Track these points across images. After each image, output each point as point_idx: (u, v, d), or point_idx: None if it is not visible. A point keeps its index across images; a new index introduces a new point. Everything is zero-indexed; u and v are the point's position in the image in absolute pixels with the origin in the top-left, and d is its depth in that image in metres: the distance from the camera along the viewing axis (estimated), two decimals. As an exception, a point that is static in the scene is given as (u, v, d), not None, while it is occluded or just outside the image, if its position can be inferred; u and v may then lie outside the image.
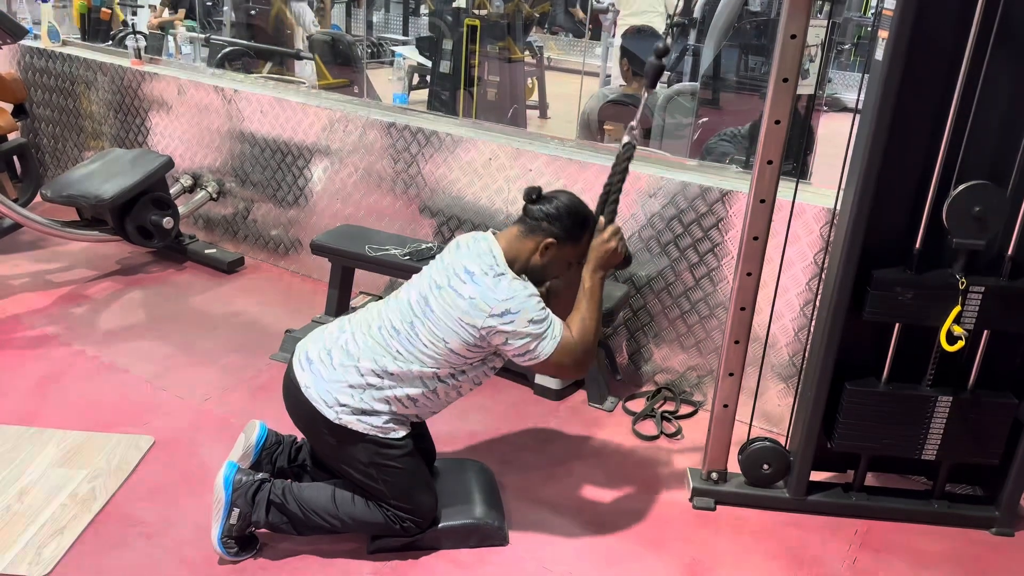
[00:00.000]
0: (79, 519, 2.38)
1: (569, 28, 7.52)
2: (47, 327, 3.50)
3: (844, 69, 7.31)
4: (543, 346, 2.08)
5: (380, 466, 2.18)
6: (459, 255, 2.15)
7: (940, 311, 2.27)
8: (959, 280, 2.24)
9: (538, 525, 2.50)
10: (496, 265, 2.09)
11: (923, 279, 2.28)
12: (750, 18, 4.55)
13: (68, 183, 3.93)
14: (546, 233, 2.14)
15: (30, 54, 4.93)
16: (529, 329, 2.05)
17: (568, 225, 2.15)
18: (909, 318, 2.32)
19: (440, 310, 2.09)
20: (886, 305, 2.29)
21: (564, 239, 2.15)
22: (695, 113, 4.17)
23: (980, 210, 2.16)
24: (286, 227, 4.20)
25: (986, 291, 2.26)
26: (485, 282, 2.06)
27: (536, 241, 2.14)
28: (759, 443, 2.60)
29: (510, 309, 2.04)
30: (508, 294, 2.05)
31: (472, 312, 2.05)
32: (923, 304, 2.28)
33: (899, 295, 2.27)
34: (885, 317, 2.33)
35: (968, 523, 2.59)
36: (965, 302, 2.26)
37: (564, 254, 2.18)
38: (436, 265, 2.20)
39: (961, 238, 2.21)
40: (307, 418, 2.19)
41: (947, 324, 2.25)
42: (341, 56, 5.91)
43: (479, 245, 2.15)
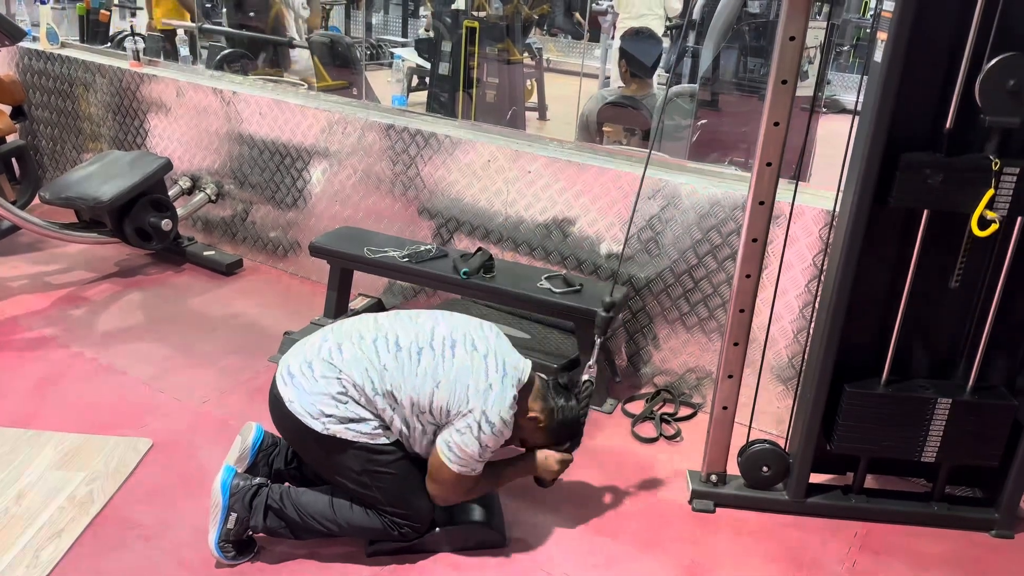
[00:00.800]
0: (77, 522, 2.37)
1: (568, 30, 7.52)
2: (45, 329, 3.50)
3: (843, 71, 7.31)
4: (461, 461, 2.16)
5: (372, 473, 2.18)
6: (505, 350, 2.25)
7: (972, 195, 2.14)
8: (992, 161, 2.12)
9: (537, 527, 2.49)
10: (518, 391, 2.20)
11: (954, 161, 2.15)
12: (749, 20, 4.55)
13: (66, 185, 3.93)
14: (546, 415, 2.30)
15: (29, 56, 4.92)
16: (475, 445, 2.15)
17: (561, 430, 2.34)
18: (939, 203, 2.18)
19: (458, 364, 2.15)
20: (914, 189, 2.16)
21: (547, 430, 2.32)
22: (694, 115, 4.18)
23: (1015, 84, 2.05)
24: (285, 229, 4.20)
25: (1021, 173, 2.14)
26: (506, 393, 2.16)
27: (537, 407, 2.29)
28: (758, 445, 2.59)
29: (494, 425, 2.14)
30: (506, 417, 2.16)
31: (479, 394, 2.13)
32: (954, 188, 2.15)
33: (928, 178, 2.14)
34: (914, 202, 2.20)
35: (968, 525, 2.59)
36: (999, 185, 2.13)
37: (534, 435, 2.33)
38: (480, 329, 2.27)
39: (994, 115, 2.09)
40: (295, 432, 2.19)
41: (980, 208, 2.13)
42: (340, 58, 5.92)
43: (523, 363, 2.27)
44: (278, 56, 5.86)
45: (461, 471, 2.17)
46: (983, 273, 2.35)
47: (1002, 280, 2.29)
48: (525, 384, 2.24)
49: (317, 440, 2.15)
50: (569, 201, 3.29)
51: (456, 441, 2.14)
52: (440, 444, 2.17)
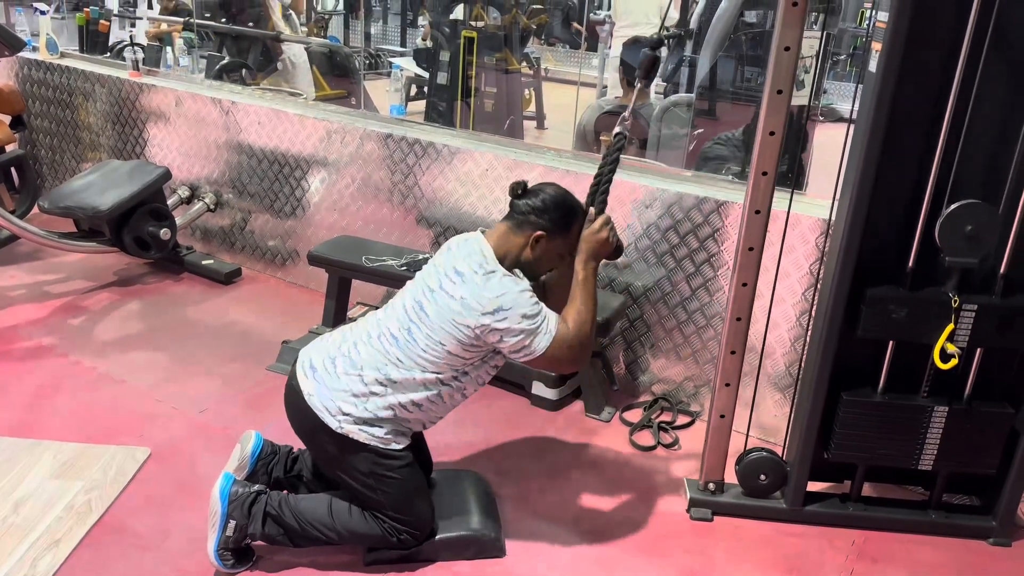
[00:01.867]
0: (75, 531, 2.37)
1: (566, 40, 7.55)
2: (44, 338, 3.50)
3: (840, 80, 7.34)
4: (538, 341, 2.08)
5: (379, 476, 2.18)
6: (449, 257, 2.16)
7: (934, 329, 2.27)
8: (952, 298, 2.24)
9: (535, 536, 2.49)
10: (486, 263, 2.10)
11: (916, 297, 2.27)
12: (746, 29, 4.57)
13: (65, 194, 3.94)
14: (535, 227, 2.15)
15: (28, 66, 4.94)
16: (523, 325, 2.05)
17: (556, 217, 2.16)
18: (903, 335, 2.32)
19: (434, 314, 2.10)
20: (880, 322, 2.30)
21: (553, 231, 2.16)
22: (691, 124, 4.19)
23: (972, 228, 2.16)
24: (283, 238, 4.21)
25: (979, 309, 2.27)
26: (475, 281, 2.07)
27: (525, 236, 2.15)
28: (756, 453, 2.60)
29: (502, 306, 2.04)
30: (499, 291, 2.05)
31: (465, 312, 2.05)
32: (917, 322, 2.28)
33: (892, 312, 2.28)
34: (879, 334, 2.33)
35: (965, 533, 2.59)
36: (958, 320, 2.26)
37: (555, 246, 2.19)
38: (428, 269, 2.21)
39: (954, 256, 2.20)
40: (308, 426, 2.19)
41: (940, 342, 2.26)
42: (339, 67, 5.93)
43: (468, 245, 2.15)
44: (268, 53, 5.82)
45: (547, 342, 2.07)
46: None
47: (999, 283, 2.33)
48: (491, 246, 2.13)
49: (330, 436, 2.15)
50: (567, 210, 3.30)
51: (512, 343, 2.05)
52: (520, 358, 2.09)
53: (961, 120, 2.16)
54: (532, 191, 2.19)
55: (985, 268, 2.29)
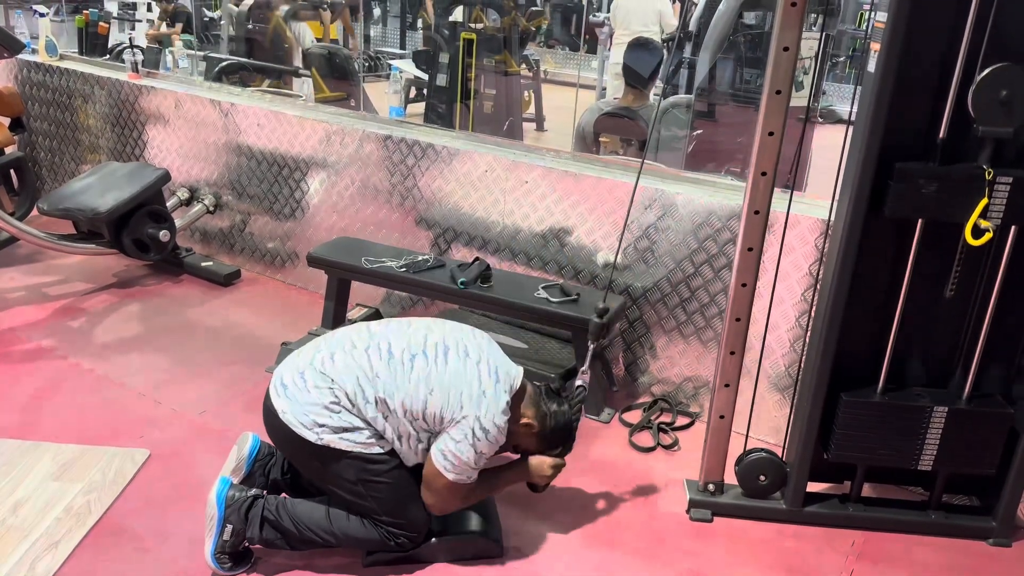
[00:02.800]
0: (74, 533, 2.36)
1: (565, 42, 7.56)
2: (43, 340, 3.50)
3: (839, 81, 7.35)
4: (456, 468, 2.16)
5: (367, 482, 2.18)
6: (497, 356, 2.26)
7: (966, 205, 2.15)
8: (986, 171, 2.13)
9: (534, 537, 2.49)
10: (510, 396, 2.20)
11: (948, 171, 2.16)
12: (745, 31, 4.58)
13: (65, 196, 3.94)
14: (539, 421, 2.30)
15: (28, 68, 4.94)
16: (470, 452, 2.15)
17: (553, 433, 2.33)
18: (933, 213, 2.20)
19: (452, 371, 2.15)
20: (909, 199, 2.17)
21: (540, 436, 2.32)
22: (690, 125, 4.20)
23: (1007, 94, 2.07)
24: (283, 239, 4.21)
25: (1014, 182, 2.15)
26: (500, 399, 2.16)
27: (530, 414, 2.29)
28: (756, 454, 2.60)
29: (488, 431, 2.14)
30: (500, 423, 2.17)
31: (473, 401, 2.13)
32: (948, 197, 2.16)
33: (922, 188, 2.15)
34: (908, 212, 2.21)
35: (965, 534, 2.58)
36: (992, 194, 2.15)
37: (526, 440, 2.33)
38: (472, 336, 2.28)
39: (987, 126, 2.10)
40: (289, 443, 2.19)
41: (974, 217, 2.14)
42: (338, 70, 5.94)
43: (515, 370, 2.28)
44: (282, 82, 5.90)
45: (456, 479, 2.17)
46: (978, 282, 2.36)
47: (997, 289, 2.30)
48: (517, 390, 2.24)
49: (311, 451, 2.15)
50: (566, 211, 3.30)
51: (451, 449, 2.14)
52: (435, 452, 2.17)
53: (960, 118, 2.15)
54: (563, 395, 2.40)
55: (1019, 141, 2.18)
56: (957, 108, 2.13)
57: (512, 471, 2.38)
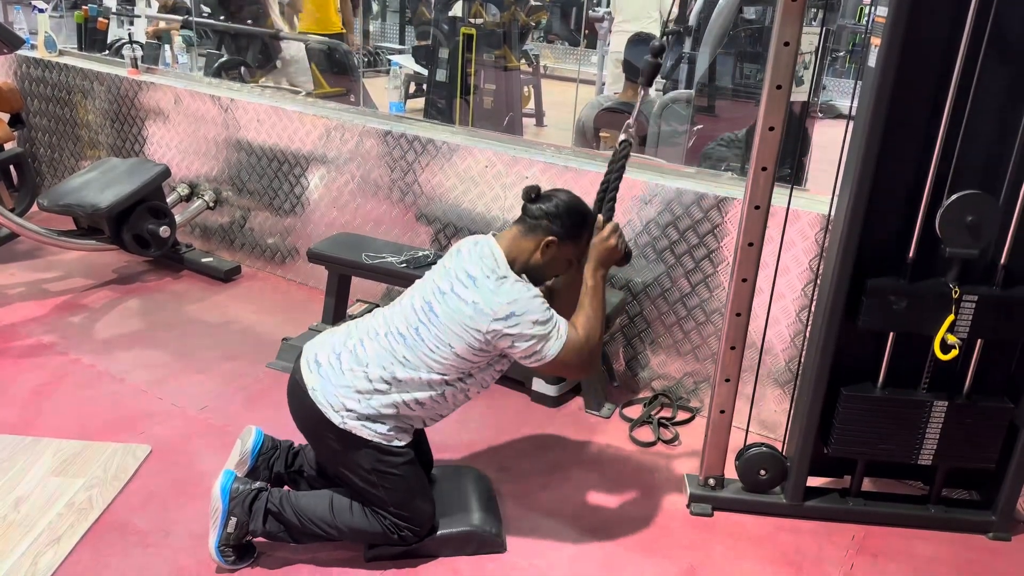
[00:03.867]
0: (76, 528, 2.37)
1: (565, 36, 7.55)
2: (43, 336, 3.50)
3: (839, 76, 7.34)
4: (549, 347, 2.08)
5: (382, 473, 2.18)
6: (460, 260, 2.16)
7: (934, 320, 2.27)
8: (952, 289, 2.25)
9: (535, 532, 2.50)
10: (498, 268, 2.10)
11: (917, 288, 2.28)
12: (745, 25, 4.57)
13: (65, 192, 3.94)
14: (546, 231, 2.15)
15: (27, 64, 4.94)
16: (534, 331, 2.06)
17: (568, 223, 2.16)
18: (903, 327, 2.32)
19: (444, 315, 2.10)
20: (880, 314, 2.30)
21: (564, 237, 2.16)
22: (690, 120, 4.19)
23: (973, 219, 2.16)
24: (283, 235, 4.21)
25: (979, 300, 2.27)
26: (488, 286, 2.07)
27: (536, 240, 2.15)
28: (756, 449, 2.60)
29: (514, 312, 2.04)
30: (511, 297, 2.06)
31: (476, 317, 2.06)
32: (917, 313, 2.28)
33: (893, 304, 2.28)
34: (879, 326, 2.34)
35: (965, 528, 2.59)
36: (959, 311, 2.27)
37: (565, 252, 2.19)
38: (439, 271, 2.21)
39: (954, 247, 2.21)
40: (311, 421, 2.19)
41: (940, 333, 2.26)
42: (338, 65, 5.92)
43: (480, 248, 2.16)
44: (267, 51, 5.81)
45: (558, 347, 2.07)
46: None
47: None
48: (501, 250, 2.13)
49: (332, 432, 2.15)
50: (566, 206, 3.30)
51: (524, 348, 2.06)
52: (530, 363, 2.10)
53: (961, 113, 2.16)
54: (545, 196, 2.20)
55: (986, 259, 2.29)
56: (926, 228, 2.23)
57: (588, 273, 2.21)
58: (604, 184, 2.31)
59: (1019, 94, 2.17)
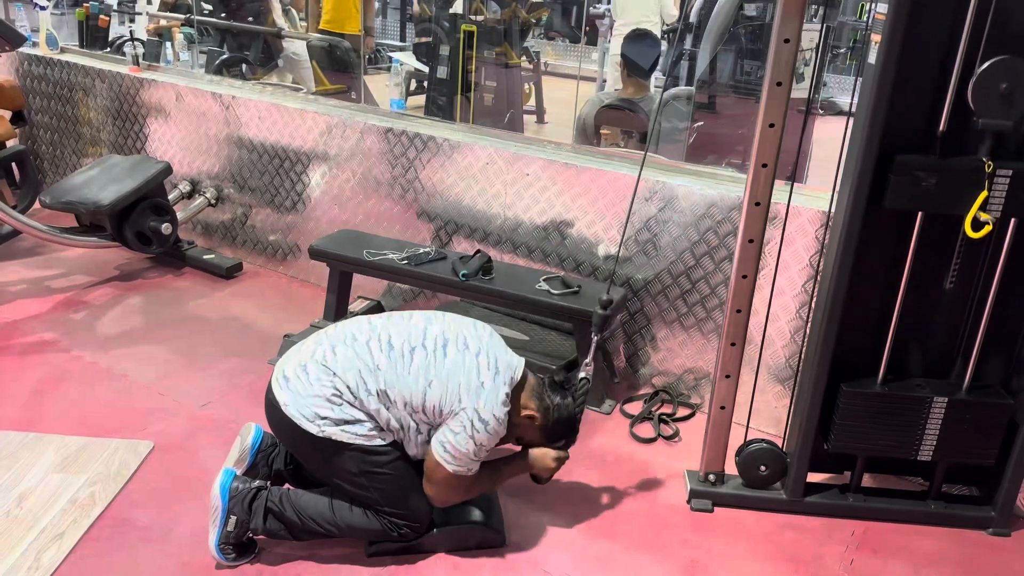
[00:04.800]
0: (79, 524, 2.38)
1: (565, 33, 7.54)
2: (46, 333, 3.51)
3: (840, 73, 7.33)
4: (456, 460, 2.17)
5: (370, 474, 2.19)
6: (498, 348, 2.26)
7: (966, 197, 2.16)
8: (986, 163, 2.14)
9: (535, 527, 2.50)
10: (509, 389, 2.21)
11: (948, 164, 2.16)
12: (745, 22, 4.57)
13: (67, 189, 3.95)
14: (541, 413, 2.29)
15: (29, 61, 4.94)
16: (470, 444, 2.15)
17: (556, 425, 2.32)
18: (933, 206, 2.20)
19: (450, 363, 2.16)
20: (909, 192, 2.18)
21: (542, 430, 2.32)
22: (691, 117, 4.19)
23: (1007, 87, 2.07)
24: (284, 232, 4.21)
25: (1014, 175, 2.16)
26: (500, 390, 2.17)
27: (532, 406, 2.28)
28: (756, 445, 2.61)
29: (487, 423, 2.15)
30: (499, 415, 2.17)
31: (471, 393, 2.14)
32: (948, 190, 2.17)
33: (922, 180, 2.15)
34: (908, 204, 2.22)
35: (965, 523, 2.60)
36: (992, 187, 2.16)
37: (528, 433, 2.33)
38: (473, 328, 2.28)
39: (987, 118, 2.11)
40: (292, 436, 2.20)
41: (973, 210, 2.15)
42: (338, 62, 5.93)
43: (515, 361, 2.27)
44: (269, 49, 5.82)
45: (457, 470, 2.18)
46: (978, 273, 2.36)
47: (996, 280, 2.31)
48: (519, 382, 2.25)
49: (313, 443, 2.16)
50: (567, 203, 3.31)
51: (450, 440, 2.15)
52: (435, 444, 2.18)
53: (961, 109, 2.15)
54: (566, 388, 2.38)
55: (1020, 133, 2.19)
56: (957, 101, 2.14)
57: (515, 463, 2.38)
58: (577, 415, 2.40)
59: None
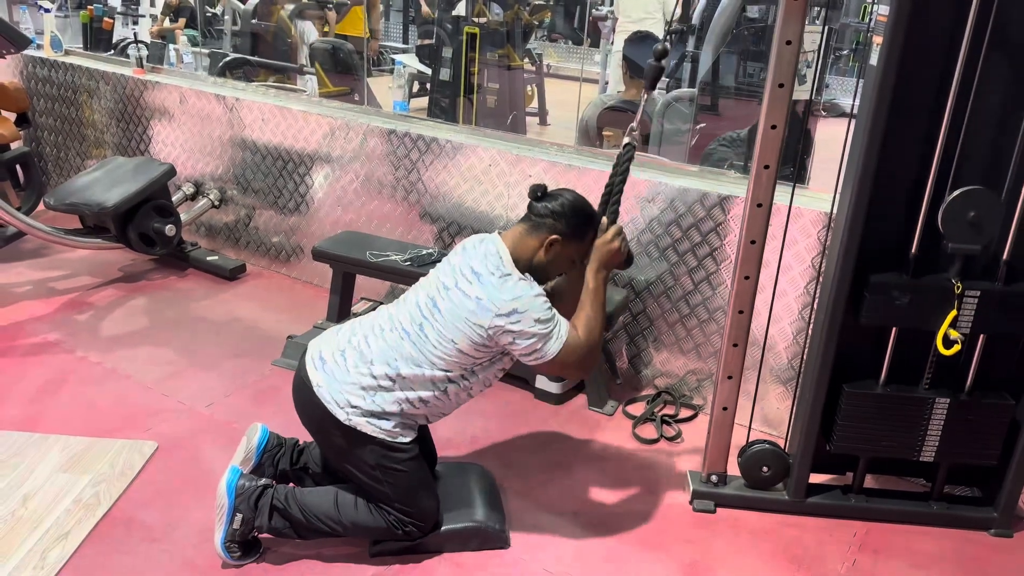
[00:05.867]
0: (83, 524, 2.39)
1: (568, 36, 7.55)
2: (50, 334, 3.52)
3: (843, 75, 7.33)
4: (550, 346, 2.10)
5: (386, 468, 2.20)
6: (466, 256, 2.18)
7: (936, 315, 2.29)
8: (955, 284, 2.26)
9: (539, 528, 2.51)
10: (502, 265, 2.12)
11: (919, 283, 2.29)
12: (748, 24, 4.58)
13: (71, 191, 3.96)
14: (551, 230, 2.16)
15: (33, 63, 4.96)
16: (536, 329, 2.07)
17: (573, 222, 2.18)
18: (906, 322, 2.33)
19: (448, 311, 2.11)
20: (883, 309, 2.31)
21: (568, 236, 2.18)
22: (693, 119, 4.20)
23: (975, 215, 2.18)
24: (288, 234, 4.23)
25: (982, 295, 2.28)
26: (491, 282, 2.09)
27: (541, 238, 2.17)
28: (758, 446, 2.61)
29: (517, 308, 2.06)
30: (514, 294, 2.07)
31: (479, 312, 2.07)
32: (919, 308, 2.30)
33: (896, 299, 2.29)
34: (882, 321, 2.35)
35: (967, 524, 2.60)
36: (961, 306, 2.28)
37: (568, 252, 2.21)
38: (443, 267, 2.23)
39: (957, 243, 2.22)
40: (317, 417, 2.21)
41: (943, 328, 2.28)
42: (341, 64, 5.95)
43: (485, 246, 2.17)
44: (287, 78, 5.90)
45: (558, 347, 2.09)
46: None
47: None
48: (506, 249, 2.15)
49: (338, 428, 2.17)
50: (570, 205, 3.31)
51: (525, 346, 2.08)
52: (530, 361, 2.11)
53: (962, 110, 2.17)
54: (551, 195, 2.21)
55: (988, 255, 2.29)
56: (928, 224, 2.24)
57: (590, 275, 2.22)
58: (608, 187, 2.32)
59: (1021, 90, 2.18)
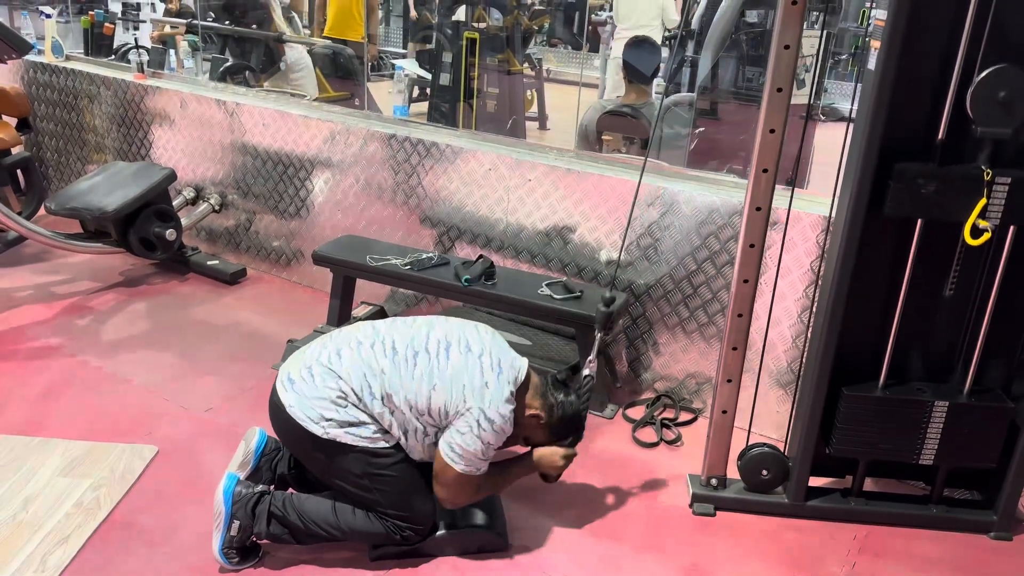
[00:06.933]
0: (84, 528, 2.39)
1: (568, 40, 7.57)
2: (51, 338, 3.53)
3: (842, 79, 7.34)
4: (463, 463, 2.18)
5: (373, 476, 2.20)
6: (500, 351, 2.26)
7: (965, 205, 2.17)
8: (984, 171, 2.15)
9: (538, 531, 2.51)
10: (514, 388, 2.21)
11: (947, 171, 2.17)
12: (746, 29, 4.60)
13: (72, 196, 3.97)
14: (545, 409, 2.30)
15: (34, 69, 4.98)
16: (477, 443, 2.16)
17: (561, 423, 2.33)
18: (932, 212, 2.22)
19: (454, 366, 2.17)
20: (908, 199, 2.19)
21: (547, 427, 2.33)
22: (692, 123, 4.21)
23: (1006, 95, 2.08)
24: (288, 238, 4.23)
25: (1013, 182, 2.17)
26: (502, 390, 2.18)
27: (537, 404, 2.30)
28: (758, 449, 2.62)
29: (493, 421, 2.16)
30: (505, 413, 2.18)
31: (475, 393, 2.15)
32: (947, 197, 2.18)
33: (922, 187, 2.16)
34: (907, 211, 2.23)
35: (966, 527, 2.60)
36: (991, 194, 2.16)
37: (534, 431, 2.34)
38: (475, 331, 2.29)
39: (986, 126, 2.11)
40: (295, 437, 2.21)
41: (972, 217, 2.16)
42: (342, 69, 5.96)
43: (520, 363, 2.29)
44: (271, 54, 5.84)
45: (465, 470, 2.19)
46: (979, 278, 2.37)
47: (997, 285, 2.32)
48: (523, 382, 2.26)
49: (317, 444, 2.17)
50: (569, 209, 3.32)
51: (458, 441, 2.16)
52: (442, 445, 2.19)
53: (960, 115, 2.17)
54: (570, 386, 2.39)
55: (1018, 140, 2.19)
56: (956, 108, 2.15)
57: (523, 463, 2.39)
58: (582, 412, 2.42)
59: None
